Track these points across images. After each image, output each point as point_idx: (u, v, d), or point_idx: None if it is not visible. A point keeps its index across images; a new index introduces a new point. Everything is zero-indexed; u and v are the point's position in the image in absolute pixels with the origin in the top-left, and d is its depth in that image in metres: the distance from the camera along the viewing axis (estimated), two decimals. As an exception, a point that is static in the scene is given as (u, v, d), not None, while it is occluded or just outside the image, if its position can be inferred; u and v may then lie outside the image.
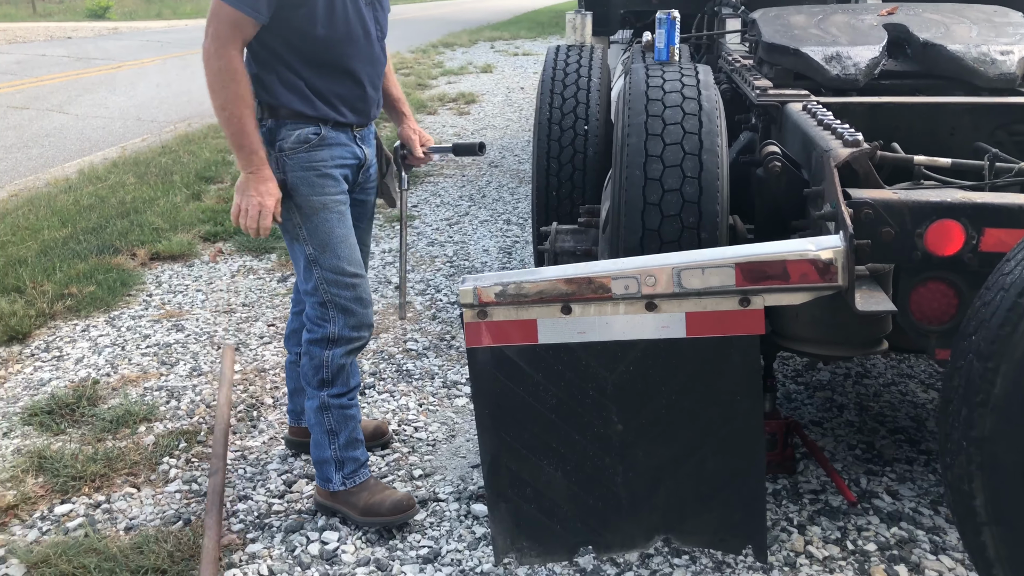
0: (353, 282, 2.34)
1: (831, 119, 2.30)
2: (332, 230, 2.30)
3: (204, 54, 2.13)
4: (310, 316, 2.37)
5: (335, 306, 2.33)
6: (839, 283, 1.82)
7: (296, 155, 2.24)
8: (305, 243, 2.30)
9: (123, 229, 5.11)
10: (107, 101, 10.25)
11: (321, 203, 2.28)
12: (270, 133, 2.24)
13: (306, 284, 2.34)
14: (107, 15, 26.70)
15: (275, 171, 2.23)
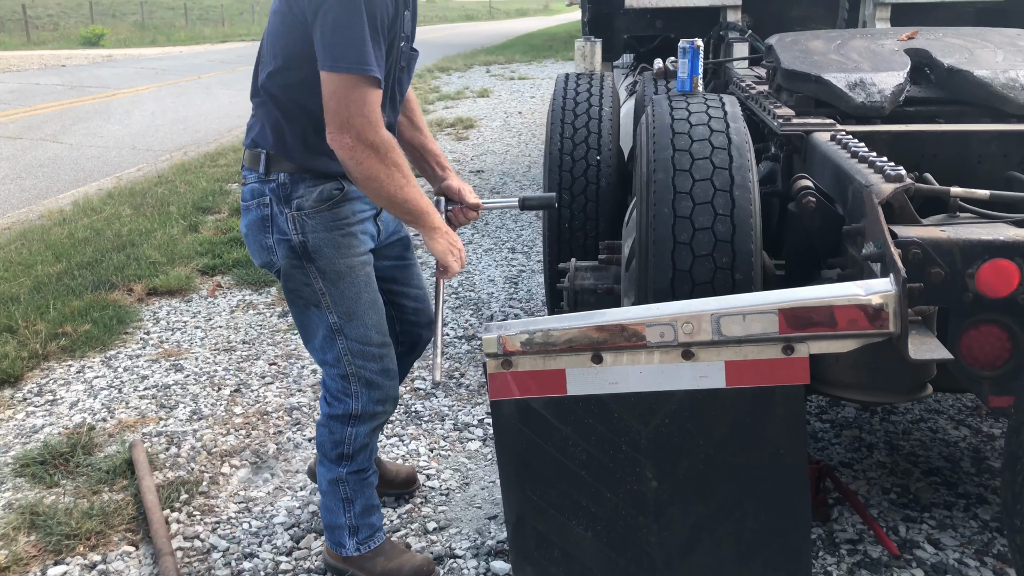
0: (381, 352, 2.16)
1: (866, 151, 2.20)
2: (359, 295, 2.10)
3: (352, 147, 1.85)
4: (329, 388, 2.19)
5: (360, 380, 2.14)
6: (890, 330, 1.70)
7: (319, 214, 2.03)
8: (328, 311, 2.09)
9: (119, 263, 4.98)
10: (102, 130, 10.15)
11: (347, 266, 2.08)
12: (282, 189, 2.02)
13: (324, 354, 2.14)
14: (101, 43, 26.72)
15: (291, 232, 2.03)
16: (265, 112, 2.04)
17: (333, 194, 2.05)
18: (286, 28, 1.94)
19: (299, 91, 1.98)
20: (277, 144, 2.03)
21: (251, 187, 2.09)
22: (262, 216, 2.07)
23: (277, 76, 1.99)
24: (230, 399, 3.43)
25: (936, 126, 2.70)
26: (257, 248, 2.12)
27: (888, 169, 1.98)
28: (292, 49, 1.95)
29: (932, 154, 2.66)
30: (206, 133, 10.10)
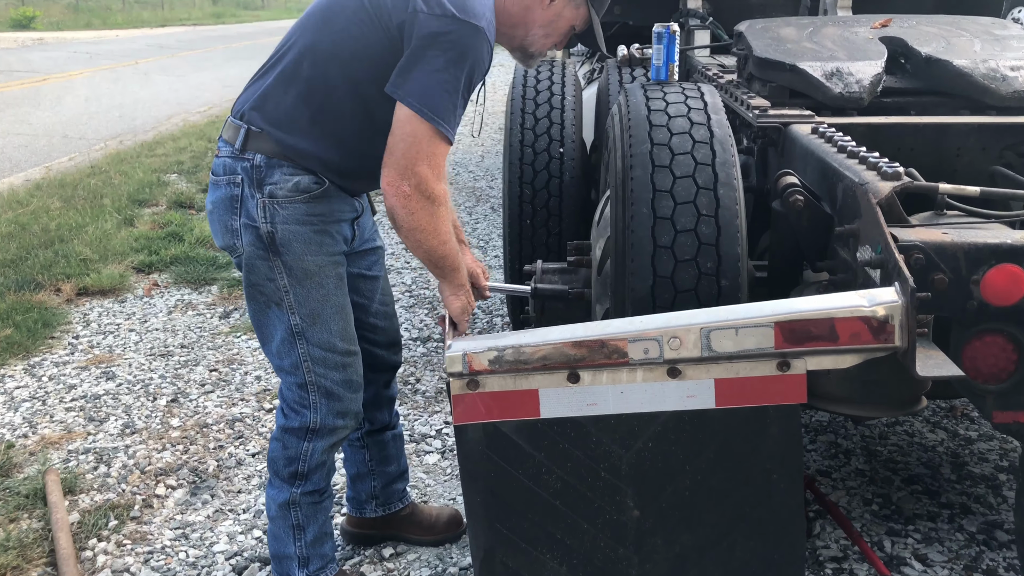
0: (345, 361, 1.97)
1: (854, 146, 2.05)
2: (327, 298, 1.91)
3: (408, 195, 1.74)
4: (286, 398, 1.99)
5: (319, 389, 1.94)
6: (896, 344, 1.55)
7: (292, 204, 1.85)
8: (291, 312, 1.90)
9: (46, 261, 4.65)
10: (30, 117, 9.63)
11: (317, 265, 1.89)
12: (256, 171, 1.84)
13: (281, 359, 1.95)
14: (32, 25, 25.64)
15: (259, 219, 1.84)
16: (281, 85, 1.86)
17: (311, 187, 1.87)
18: (359, 23, 1.80)
19: (339, 84, 1.83)
20: (267, 120, 1.85)
21: (223, 161, 1.90)
22: (231, 195, 1.88)
23: (324, 59, 1.84)
24: (166, 410, 3.18)
25: (916, 118, 2.58)
26: (221, 228, 1.92)
27: (884, 166, 1.83)
28: (357, 45, 1.81)
29: (909, 147, 2.54)
30: (144, 121, 9.67)
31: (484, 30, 1.77)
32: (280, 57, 1.90)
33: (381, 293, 2.19)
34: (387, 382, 2.26)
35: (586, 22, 1.99)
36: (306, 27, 1.89)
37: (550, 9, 1.94)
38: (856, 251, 1.83)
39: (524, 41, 1.99)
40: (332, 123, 1.86)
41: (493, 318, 3.98)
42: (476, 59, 1.77)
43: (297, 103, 1.85)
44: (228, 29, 27.30)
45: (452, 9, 1.74)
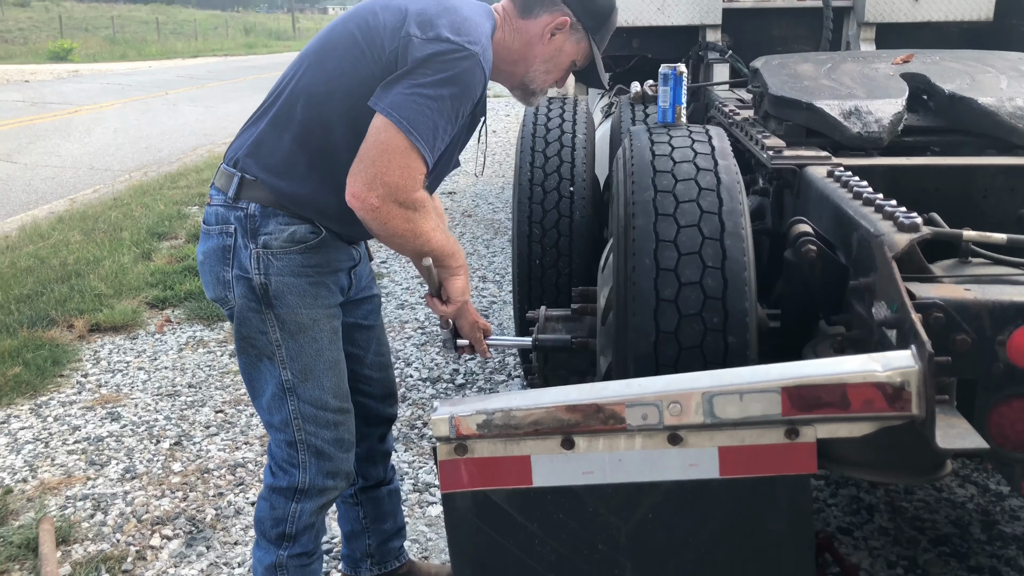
0: (336, 419, 1.89)
1: (871, 192, 1.95)
2: (320, 353, 1.84)
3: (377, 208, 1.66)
4: (275, 456, 1.91)
5: (309, 449, 1.87)
6: (913, 412, 1.44)
7: (287, 255, 1.78)
8: (282, 366, 1.83)
9: (61, 296, 4.65)
10: (59, 149, 9.78)
11: (311, 318, 1.82)
12: (250, 221, 1.77)
13: (271, 415, 1.87)
14: (69, 57, 26.28)
15: (252, 270, 1.77)
16: (275, 131, 1.79)
17: (307, 237, 1.80)
18: (352, 59, 1.74)
19: (335, 124, 1.76)
20: (262, 167, 1.78)
21: (216, 210, 1.83)
22: (223, 246, 1.81)
23: (319, 100, 1.77)
24: (168, 454, 3.12)
25: (939, 159, 2.47)
26: (212, 280, 1.86)
27: (901, 216, 1.73)
28: (352, 82, 1.74)
29: (933, 188, 2.43)
30: (169, 152, 9.77)
31: (479, 56, 1.70)
32: (273, 102, 1.84)
33: (377, 343, 2.11)
34: (382, 436, 2.18)
35: (587, 57, 1.93)
36: (299, 69, 1.83)
37: (551, 44, 1.88)
38: (872, 307, 1.72)
39: (524, 78, 1.93)
40: (330, 166, 1.79)
41: (506, 356, 3.89)
42: (467, 84, 1.70)
43: (292, 148, 1.78)
44: (258, 59, 27.74)
45: (447, 33, 1.68)
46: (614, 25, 1.93)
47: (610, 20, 1.91)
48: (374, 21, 1.74)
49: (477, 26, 1.74)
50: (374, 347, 2.10)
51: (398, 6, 1.75)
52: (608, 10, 1.90)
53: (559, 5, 1.85)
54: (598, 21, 1.88)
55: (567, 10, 1.85)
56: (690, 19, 4.29)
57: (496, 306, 4.69)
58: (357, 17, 1.78)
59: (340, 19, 1.85)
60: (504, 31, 1.86)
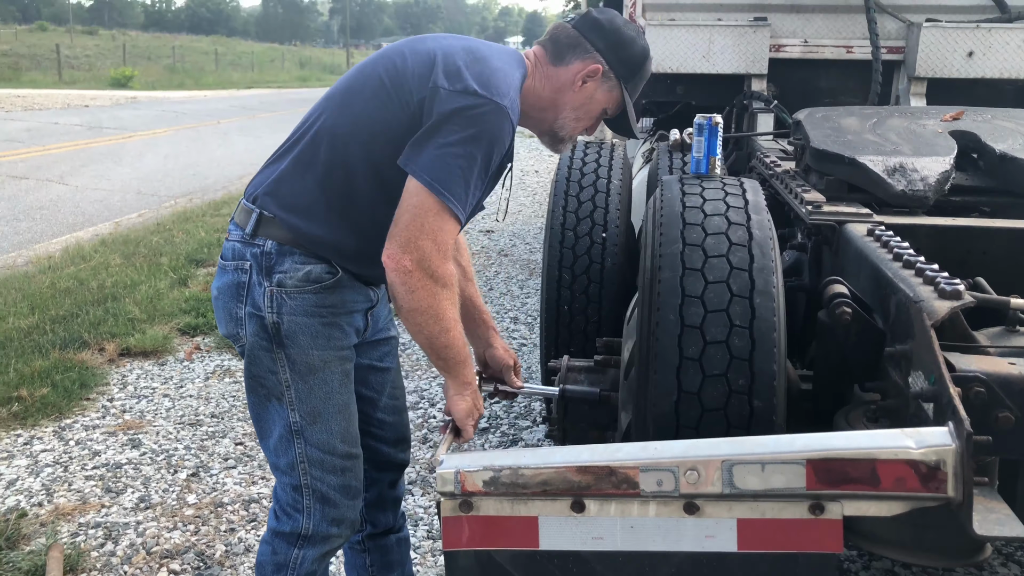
0: (344, 465, 1.84)
1: (912, 254, 1.86)
2: (331, 395, 1.80)
3: (409, 271, 1.62)
4: (279, 499, 1.87)
5: (314, 494, 1.82)
6: (948, 494, 1.34)
7: (301, 295, 1.74)
8: (291, 408, 1.78)
9: (96, 319, 4.69)
10: (110, 173, 10.01)
11: (323, 360, 1.78)
12: (266, 258, 1.74)
13: (277, 458, 1.83)
14: (130, 84, 27.10)
15: (265, 309, 1.74)
16: (297, 170, 1.77)
17: (323, 277, 1.76)
18: (378, 103, 1.72)
19: (358, 167, 1.74)
20: (282, 205, 1.75)
21: (233, 246, 1.81)
22: (238, 282, 1.78)
23: (342, 142, 1.75)
24: (185, 485, 3.09)
25: (988, 220, 2.37)
26: (225, 316, 1.83)
27: (942, 282, 1.64)
28: (377, 126, 1.72)
29: (981, 251, 2.33)
30: (216, 180, 9.94)
31: (507, 108, 1.67)
32: (297, 140, 1.82)
33: (392, 386, 2.06)
34: (393, 482, 2.12)
35: (619, 105, 1.87)
36: (325, 109, 1.81)
37: (582, 92, 1.84)
38: (908, 376, 1.63)
39: (554, 125, 1.89)
40: (351, 208, 1.76)
41: (532, 402, 3.81)
42: (495, 138, 1.67)
43: (314, 188, 1.76)
44: (310, 92, 28.32)
45: (474, 86, 1.65)
46: (648, 73, 1.89)
47: (643, 69, 1.87)
48: (402, 66, 1.72)
49: (506, 76, 1.70)
50: (388, 390, 2.05)
51: (427, 51, 1.73)
52: (642, 59, 1.85)
53: (591, 53, 1.81)
54: (631, 70, 1.84)
55: (599, 58, 1.81)
56: (736, 68, 4.24)
57: (526, 349, 4.62)
58: (385, 60, 1.76)
59: (369, 60, 1.83)
60: (535, 78, 1.83)
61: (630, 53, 1.83)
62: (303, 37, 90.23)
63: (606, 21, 1.83)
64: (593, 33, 1.81)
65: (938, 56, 4.16)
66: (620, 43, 1.82)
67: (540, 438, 3.46)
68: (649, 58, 1.87)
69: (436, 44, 1.74)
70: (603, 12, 1.85)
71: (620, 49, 1.82)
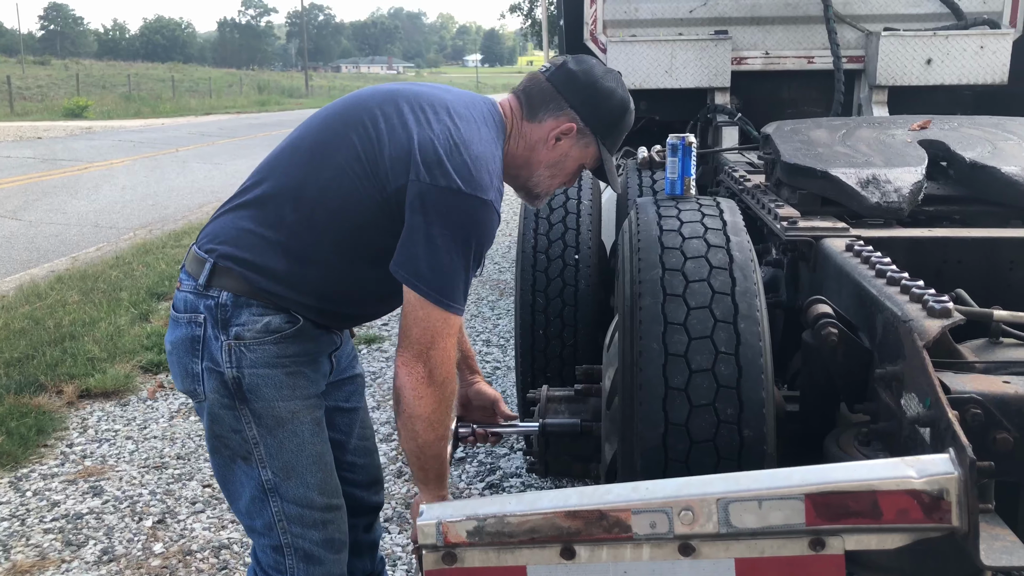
0: (325, 518, 1.75)
1: (895, 270, 1.82)
2: (303, 447, 1.71)
3: (423, 379, 1.59)
4: (260, 561, 1.78)
5: (296, 552, 1.73)
6: (953, 524, 1.29)
7: (261, 347, 1.66)
8: (261, 466, 1.69)
9: (53, 360, 4.53)
10: (66, 206, 9.77)
11: (290, 411, 1.69)
12: (221, 310, 1.64)
13: (252, 520, 1.73)
14: (84, 114, 26.65)
15: (224, 363, 1.64)
16: (258, 227, 1.67)
17: (283, 327, 1.67)
18: (353, 176, 1.64)
19: (325, 234, 1.66)
20: (240, 261, 1.65)
21: (185, 297, 1.71)
22: (192, 336, 1.68)
23: (309, 206, 1.66)
24: (151, 533, 2.95)
25: (963, 231, 2.35)
26: (181, 371, 1.73)
27: (930, 300, 1.60)
28: (349, 199, 1.65)
29: (956, 260, 2.31)
30: (175, 210, 9.75)
31: (492, 203, 1.61)
32: (258, 194, 1.71)
33: (360, 426, 1.98)
34: (368, 526, 2.03)
35: (596, 160, 1.81)
36: (290, 164, 1.71)
37: (556, 149, 1.77)
38: (901, 398, 1.58)
39: (528, 182, 1.83)
40: (314, 272, 1.68)
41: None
42: (484, 233, 1.63)
43: (275, 249, 1.66)
44: (270, 116, 28.11)
45: (459, 182, 1.58)
46: (627, 127, 1.81)
47: (621, 123, 1.79)
48: (378, 142, 1.63)
49: (487, 164, 1.63)
50: (357, 431, 1.97)
51: (404, 129, 1.64)
52: (620, 114, 1.78)
53: (565, 110, 1.73)
54: (608, 126, 1.76)
55: (574, 115, 1.73)
56: (699, 82, 4.22)
57: (500, 372, 4.55)
58: (360, 127, 1.66)
59: (338, 115, 1.72)
60: (512, 140, 1.76)
61: (607, 108, 1.75)
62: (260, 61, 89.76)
63: (581, 73, 1.74)
64: (567, 88, 1.74)
65: (898, 64, 4.19)
66: (596, 98, 1.74)
67: (518, 465, 3.38)
68: (628, 111, 1.79)
69: (413, 118, 1.65)
70: (580, 62, 1.77)
71: (596, 104, 1.74)
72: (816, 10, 4.17)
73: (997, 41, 4.09)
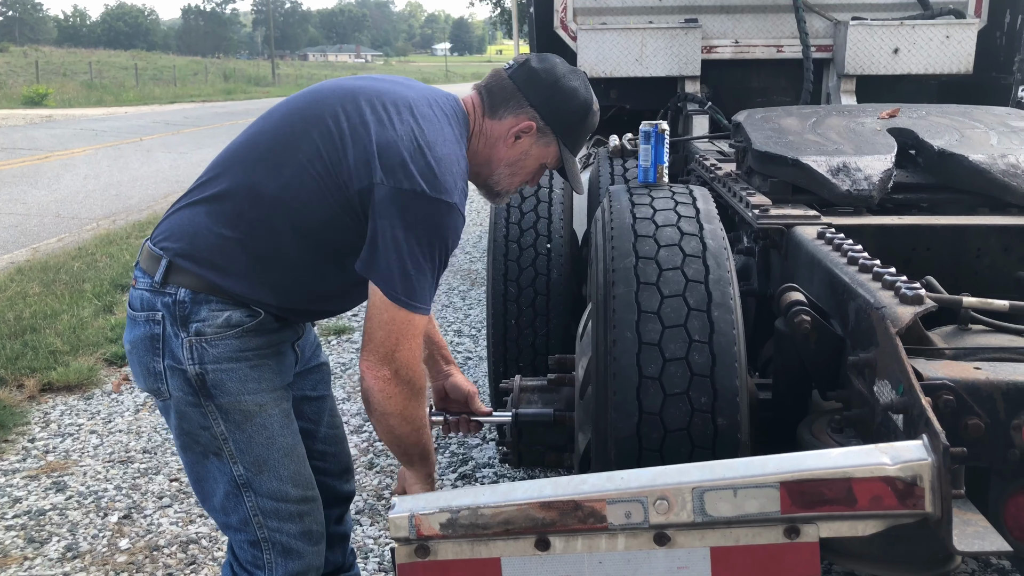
0: (301, 510, 1.74)
1: (867, 258, 1.82)
2: (273, 440, 1.69)
3: (389, 380, 1.59)
4: (237, 557, 1.75)
5: (274, 547, 1.71)
6: (927, 510, 1.29)
7: (223, 341, 1.63)
8: (232, 461, 1.67)
9: (13, 353, 4.43)
10: (25, 196, 9.56)
11: (257, 404, 1.66)
12: (180, 307, 1.61)
13: (227, 516, 1.71)
14: (44, 102, 26.09)
15: (186, 361, 1.61)
16: (215, 224, 1.62)
17: (244, 321, 1.64)
18: (314, 175, 1.61)
19: (285, 232, 1.63)
20: (197, 260, 1.61)
21: (141, 295, 1.66)
22: (151, 335, 1.64)
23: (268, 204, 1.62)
24: (116, 528, 2.90)
25: (932, 218, 2.37)
26: (142, 371, 1.68)
27: (903, 287, 1.60)
28: (310, 198, 1.61)
29: (925, 247, 2.33)
30: (140, 200, 9.58)
31: (456, 206, 1.60)
32: (215, 189, 1.66)
33: (329, 415, 1.96)
34: (339, 517, 2.01)
35: (557, 160, 1.79)
36: (249, 161, 1.66)
37: (516, 147, 1.75)
38: (873, 384, 1.58)
39: (489, 180, 1.81)
40: (274, 271, 1.65)
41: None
42: (449, 235, 1.61)
43: (234, 247, 1.63)
44: (236, 105, 27.73)
45: (423, 185, 1.55)
46: (590, 128, 1.80)
47: (583, 124, 1.77)
48: (341, 142, 1.60)
49: (452, 165, 1.61)
50: (326, 419, 1.95)
51: (363, 124, 1.61)
52: (582, 114, 1.76)
53: (525, 108, 1.72)
54: (569, 126, 1.74)
55: (534, 113, 1.71)
56: (668, 70, 4.22)
57: (472, 362, 4.52)
58: (318, 121, 1.63)
59: (298, 111, 1.68)
60: (474, 137, 1.75)
61: (568, 108, 1.73)
62: (226, 49, 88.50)
63: (543, 72, 1.72)
64: (529, 86, 1.72)
65: (865, 53, 4.21)
66: (557, 97, 1.72)
67: (491, 456, 3.36)
68: (591, 112, 1.77)
69: (375, 118, 1.62)
70: (543, 60, 1.75)
71: (557, 103, 1.72)
72: (786, 0, 4.19)
73: (962, 31, 4.13)
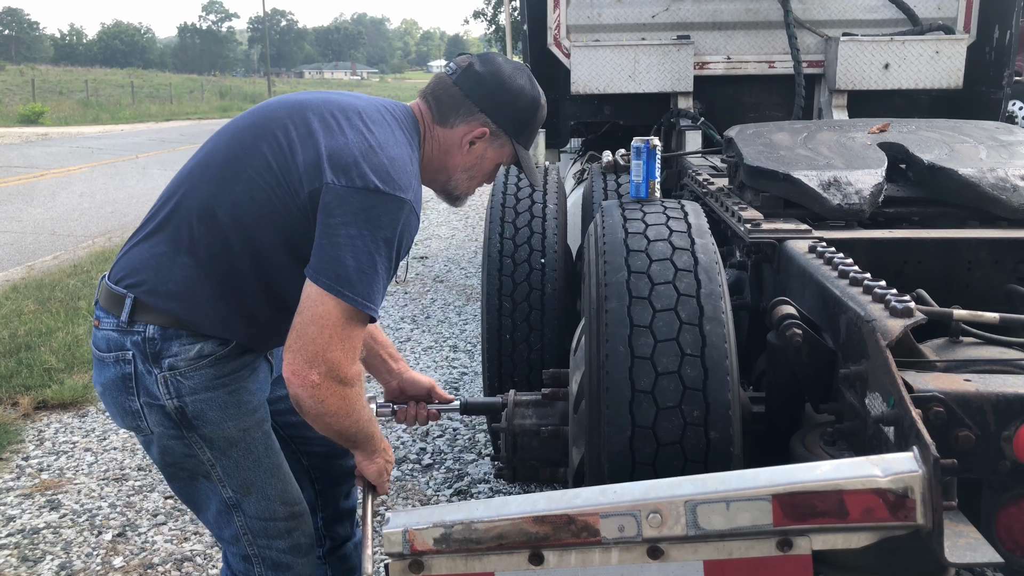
0: (289, 526, 1.75)
1: (857, 271, 1.84)
2: (259, 462, 1.70)
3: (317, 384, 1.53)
4: (231, 566, 1.78)
5: (264, 562, 1.74)
6: (918, 522, 1.30)
7: (197, 372, 1.62)
8: (220, 484, 1.68)
9: (8, 371, 4.42)
10: (21, 214, 9.56)
11: (240, 429, 1.67)
12: (150, 344, 1.60)
13: (220, 530, 1.74)
14: (40, 120, 26.13)
15: (163, 396, 1.60)
16: (173, 253, 1.60)
17: (215, 350, 1.63)
18: (265, 186, 1.59)
19: (241, 252, 1.61)
20: (160, 293, 1.59)
21: (107, 336, 1.64)
22: (122, 375, 1.62)
23: (224, 224, 1.60)
24: (110, 547, 2.89)
25: (922, 232, 2.39)
26: (119, 411, 1.67)
27: (893, 300, 1.61)
28: (262, 210, 1.59)
29: (916, 261, 2.35)
30: (136, 217, 9.53)
31: (411, 203, 1.58)
32: (168, 217, 1.64)
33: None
34: (347, 493, 2.09)
35: (513, 158, 1.81)
36: (201, 181, 1.64)
37: (471, 153, 1.76)
38: (864, 397, 1.59)
39: (447, 185, 1.82)
40: (236, 293, 1.64)
41: (476, 432, 3.71)
42: (404, 234, 1.59)
43: (195, 273, 1.61)
44: (232, 123, 27.73)
45: (375, 181, 1.55)
46: (540, 122, 1.81)
47: (534, 120, 1.78)
48: (290, 150, 1.59)
49: (405, 165, 1.61)
50: None
51: (310, 133, 1.60)
52: (530, 111, 1.77)
53: (476, 114, 1.72)
54: (520, 126, 1.76)
55: (485, 119, 1.72)
56: (661, 87, 4.25)
57: (467, 377, 4.53)
58: (269, 137, 1.62)
59: (247, 128, 1.67)
60: (426, 143, 1.75)
61: (518, 108, 1.74)
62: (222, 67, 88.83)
63: (488, 75, 1.72)
64: (476, 92, 1.72)
65: (856, 69, 4.25)
66: (506, 99, 1.73)
67: (487, 471, 3.36)
68: (540, 107, 1.78)
69: (323, 126, 1.61)
70: (486, 62, 1.75)
71: (506, 105, 1.73)
72: (777, 16, 4.22)
73: (952, 46, 4.16)
